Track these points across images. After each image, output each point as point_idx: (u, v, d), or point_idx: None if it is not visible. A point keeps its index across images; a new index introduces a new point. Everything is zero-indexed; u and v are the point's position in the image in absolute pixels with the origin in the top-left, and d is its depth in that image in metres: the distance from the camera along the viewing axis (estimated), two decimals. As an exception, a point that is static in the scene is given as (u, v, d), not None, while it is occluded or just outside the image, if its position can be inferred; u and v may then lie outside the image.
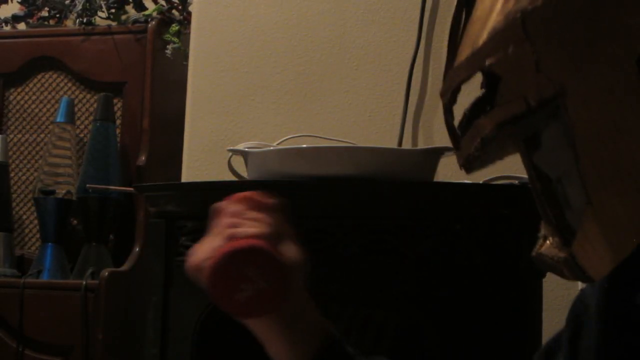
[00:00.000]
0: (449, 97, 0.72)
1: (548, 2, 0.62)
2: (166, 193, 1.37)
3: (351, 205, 1.26)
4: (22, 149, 2.40)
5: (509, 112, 0.64)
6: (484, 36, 0.66)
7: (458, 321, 1.23)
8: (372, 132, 1.76)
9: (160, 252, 1.34)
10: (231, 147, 1.39)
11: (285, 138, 1.50)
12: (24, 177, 2.39)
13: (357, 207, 1.26)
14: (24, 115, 2.40)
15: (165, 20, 2.34)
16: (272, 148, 1.37)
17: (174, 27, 2.31)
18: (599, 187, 0.63)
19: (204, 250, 0.86)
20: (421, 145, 1.72)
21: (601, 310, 0.76)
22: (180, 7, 2.40)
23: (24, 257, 2.35)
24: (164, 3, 2.40)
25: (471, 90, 0.72)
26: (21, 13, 2.51)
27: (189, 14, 2.27)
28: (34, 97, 2.40)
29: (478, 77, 0.69)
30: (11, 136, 2.40)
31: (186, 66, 1.90)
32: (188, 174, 1.85)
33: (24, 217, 2.40)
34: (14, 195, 2.38)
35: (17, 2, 2.52)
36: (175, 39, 2.29)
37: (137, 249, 2.16)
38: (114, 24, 2.38)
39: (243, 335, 1.49)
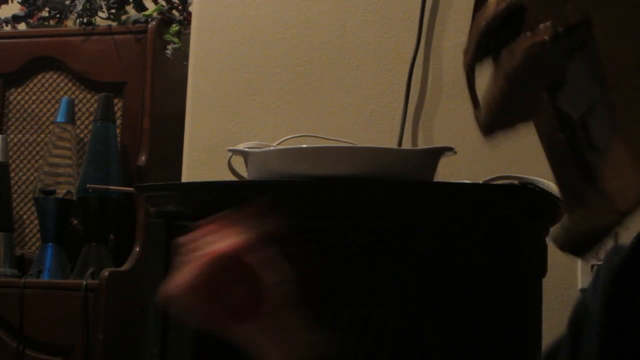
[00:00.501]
0: (473, 51, 0.71)
1: None
2: (166, 193, 1.37)
3: (351, 205, 1.26)
4: (22, 149, 2.40)
5: (536, 39, 0.64)
6: None
7: (458, 321, 1.23)
8: (372, 132, 1.76)
9: (160, 252, 1.34)
10: (231, 147, 1.39)
11: (285, 138, 1.50)
12: (24, 177, 2.39)
13: (357, 207, 1.26)
14: (24, 115, 2.40)
15: (165, 20, 2.34)
16: (272, 148, 1.37)
17: (174, 27, 2.31)
18: (629, 113, 0.62)
19: (176, 278, 0.84)
20: (421, 145, 1.72)
21: (603, 313, 0.75)
22: (180, 7, 2.40)
23: (24, 257, 2.35)
24: (164, 3, 2.40)
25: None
26: (21, 13, 2.51)
27: (189, 14, 2.27)
28: (34, 97, 2.40)
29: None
30: (11, 136, 2.40)
31: (186, 66, 1.90)
32: (188, 174, 1.85)
33: (24, 217, 2.40)
34: (14, 195, 2.38)
35: (17, 2, 2.52)
36: (176, 39, 2.29)
37: (137, 249, 2.16)
38: (114, 24, 2.38)
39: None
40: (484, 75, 0.72)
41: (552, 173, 0.70)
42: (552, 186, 1.27)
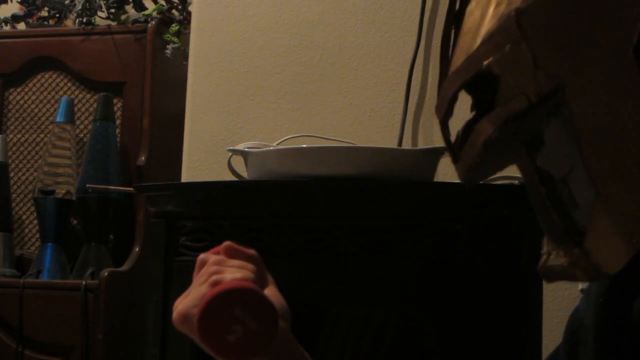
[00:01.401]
0: (446, 110, 0.71)
1: None
2: (166, 193, 1.37)
3: (351, 205, 1.26)
4: (22, 149, 2.40)
5: (511, 110, 0.64)
6: (478, 41, 0.66)
7: (458, 321, 1.23)
8: (372, 132, 1.76)
9: (160, 252, 1.34)
10: (231, 147, 1.39)
11: (285, 138, 1.50)
12: (23, 177, 2.39)
13: (357, 207, 1.26)
14: (23, 115, 2.40)
15: (165, 20, 2.34)
16: (272, 148, 1.37)
17: (174, 27, 2.31)
18: (607, 181, 0.62)
19: (191, 299, 0.85)
20: (421, 145, 1.72)
21: (597, 325, 0.76)
22: (180, 7, 2.39)
23: (24, 257, 2.35)
24: (163, 3, 2.40)
25: (464, 111, 0.71)
26: (21, 13, 2.51)
27: (189, 14, 2.27)
28: (33, 97, 2.40)
29: (468, 99, 0.69)
30: (11, 136, 2.40)
31: (186, 66, 1.90)
32: (188, 174, 1.85)
33: (24, 217, 2.39)
34: (14, 195, 2.37)
35: (17, 2, 2.52)
36: (175, 39, 2.29)
37: (137, 249, 2.16)
38: (113, 23, 2.38)
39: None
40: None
41: (536, 217, 0.71)
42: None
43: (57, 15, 2.45)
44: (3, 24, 2.53)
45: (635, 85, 0.62)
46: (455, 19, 0.76)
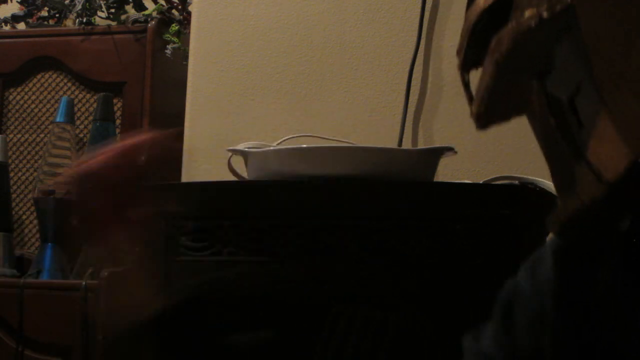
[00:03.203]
0: (465, 49, 0.72)
1: None
2: (166, 193, 1.37)
3: (351, 205, 1.26)
4: (21, 149, 2.39)
5: (523, 24, 0.66)
6: None
7: (458, 321, 1.23)
8: (372, 132, 1.76)
9: (160, 252, 1.34)
10: (231, 147, 1.39)
11: (285, 138, 1.50)
12: (23, 177, 2.39)
13: (357, 207, 1.26)
14: (23, 115, 2.40)
15: (165, 20, 2.34)
16: (272, 148, 1.37)
17: (174, 27, 2.31)
18: (614, 90, 0.64)
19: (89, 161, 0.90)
20: (421, 145, 1.72)
21: (552, 295, 0.77)
22: (180, 7, 2.39)
23: (24, 257, 2.34)
24: (163, 3, 2.39)
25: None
26: (21, 13, 2.50)
27: (189, 13, 2.27)
28: (33, 97, 2.40)
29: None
30: (11, 136, 2.40)
31: (186, 66, 1.90)
32: (188, 174, 1.85)
33: (24, 217, 2.39)
34: (14, 195, 2.37)
35: (17, 2, 2.52)
36: (175, 39, 2.29)
37: (137, 249, 2.15)
38: (113, 23, 2.38)
39: (243, 335, 1.50)
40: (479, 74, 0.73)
41: (546, 160, 0.72)
42: (552, 186, 1.27)
43: (57, 15, 2.45)
44: (3, 24, 2.52)
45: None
46: None
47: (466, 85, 0.75)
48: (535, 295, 0.79)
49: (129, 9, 2.42)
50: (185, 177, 1.85)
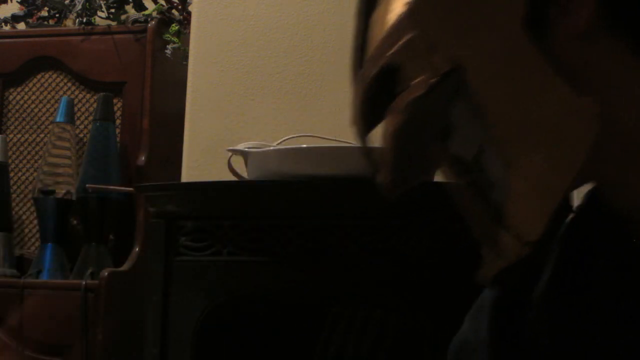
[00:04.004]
0: (360, 121, 0.74)
1: None
2: (166, 193, 1.37)
3: (351, 205, 1.26)
4: (21, 149, 2.40)
5: (412, 93, 0.67)
6: (380, 37, 0.70)
7: (458, 321, 1.23)
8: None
9: (160, 252, 1.34)
10: (231, 147, 1.39)
11: (285, 138, 1.50)
12: (23, 177, 2.39)
13: (357, 207, 1.26)
14: (23, 115, 2.40)
15: (165, 20, 2.34)
16: (272, 148, 1.37)
17: (174, 27, 2.31)
18: (515, 147, 0.64)
19: None
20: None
21: (492, 340, 0.79)
22: (180, 7, 2.39)
23: (24, 257, 2.34)
24: (163, 3, 2.40)
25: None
26: (21, 13, 2.51)
27: (189, 13, 2.27)
28: (33, 97, 2.40)
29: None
30: (11, 136, 2.40)
31: (186, 66, 1.90)
32: (188, 174, 1.85)
33: (24, 217, 2.39)
34: (14, 195, 2.37)
35: (17, 2, 2.52)
36: (175, 39, 2.29)
37: (137, 249, 2.15)
38: (113, 23, 2.38)
39: (243, 335, 1.50)
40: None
41: (466, 221, 0.72)
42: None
43: (57, 15, 2.45)
44: (3, 24, 2.52)
45: (529, 56, 0.64)
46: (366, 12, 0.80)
47: (367, 154, 0.76)
48: (478, 345, 0.81)
49: (129, 9, 2.42)
50: (185, 177, 1.85)
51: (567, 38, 0.65)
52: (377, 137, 0.75)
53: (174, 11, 2.39)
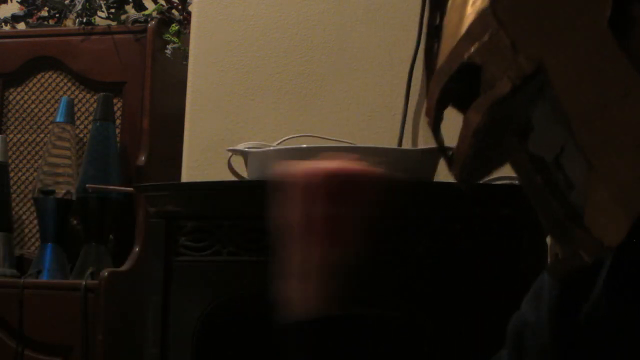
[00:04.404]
0: (435, 112, 0.72)
1: None
2: (166, 193, 1.37)
3: (351, 205, 1.26)
4: (21, 149, 2.40)
5: (496, 94, 0.65)
6: (460, 32, 0.67)
7: (458, 321, 1.23)
8: (372, 132, 1.75)
9: (160, 252, 1.34)
10: (231, 147, 1.39)
11: (285, 138, 1.50)
12: (23, 177, 2.39)
13: (357, 207, 1.26)
14: (23, 115, 2.40)
15: (165, 20, 2.34)
16: (272, 148, 1.37)
17: (174, 27, 2.31)
18: (599, 152, 0.63)
19: (319, 163, 0.88)
20: (421, 145, 1.72)
21: (552, 326, 0.78)
22: (180, 7, 2.39)
23: (24, 257, 2.34)
24: (163, 3, 2.40)
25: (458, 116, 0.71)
26: (21, 13, 2.51)
27: (189, 13, 2.27)
28: (33, 97, 2.40)
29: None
30: (11, 136, 2.40)
31: (186, 66, 1.90)
32: (188, 174, 1.85)
33: (24, 217, 2.39)
34: (14, 195, 2.37)
35: (17, 2, 2.52)
36: (175, 39, 2.29)
37: (137, 249, 2.15)
38: (113, 23, 2.38)
39: (243, 335, 1.50)
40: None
41: (537, 212, 0.72)
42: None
43: (57, 15, 2.45)
44: (3, 24, 2.52)
45: (614, 57, 0.63)
46: (436, 30, 0.78)
47: (440, 144, 0.75)
48: (539, 326, 0.81)
49: (129, 9, 2.42)
50: (185, 177, 1.85)
51: None
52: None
53: (174, 11, 2.39)
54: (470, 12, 0.67)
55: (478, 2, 0.66)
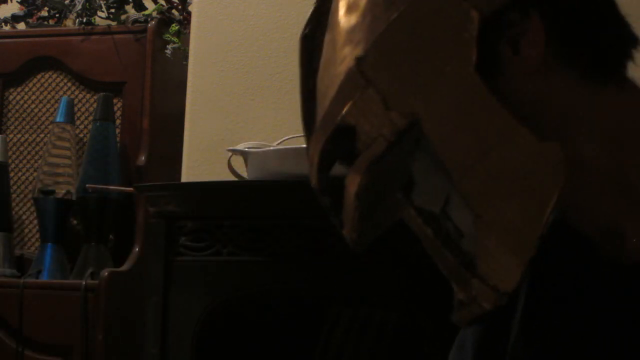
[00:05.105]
0: (317, 176, 0.70)
1: (375, 42, 0.63)
2: (166, 193, 1.37)
3: (351, 205, 1.26)
4: (21, 149, 2.39)
5: (372, 154, 0.64)
6: (331, 94, 0.66)
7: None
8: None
9: (160, 252, 1.34)
10: (231, 147, 1.40)
11: (285, 138, 1.50)
12: (23, 177, 2.39)
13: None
14: (23, 115, 2.40)
15: (165, 20, 2.34)
16: (272, 148, 1.37)
17: (174, 27, 2.31)
18: (483, 200, 0.63)
19: None
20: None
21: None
22: (180, 7, 2.39)
23: (24, 257, 2.34)
24: (163, 3, 2.39)
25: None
26: (21, 13, 2.50)
27: (189, 13, 2.27)
28: (33, 97, 2.40)
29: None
30: (11, 136, 2.40)
31: (186, 66, 1.90)
32: (188, 174, 1.85)
33: (24, 217, 2.39)
34: (14, 195, 2.37)
35: (17, 2, 2.52)
36: (175, 39, 2.29)
37: (137, 249, 2.15)
38: (113, 23, 2.38)
39: (243, 335, 1.50)
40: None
41: (435, 263, 0.71)
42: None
43: (57, 15, 2.45)
44: (3, 24, 2.52)
45: (485, 102, 0.62)
46: (309, 94, 0.76)
47: (329, 209, 0.73)
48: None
49: (129, 9, 2.42)
50: (185, 177, 1.85)
51: (520, 75, 0.64)
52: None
53: (174, 11, 2.39)
54: (340, 71, 0.66)
55: (346, 61, 0.65)
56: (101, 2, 2.38)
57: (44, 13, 2.49)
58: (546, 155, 0.62)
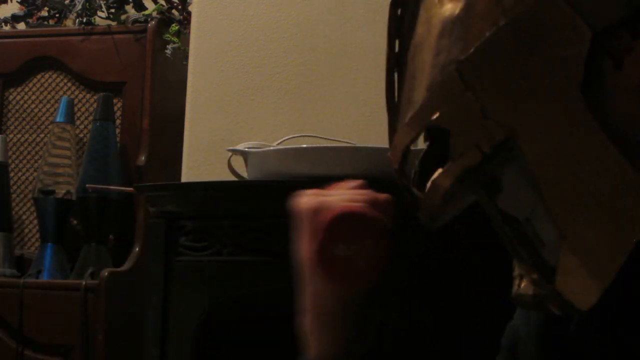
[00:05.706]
0: (400, 160, 0.72)
1: (479, 48, 0.62)
2: (166, 193, 1.37)
3: (351, 205, 1.26)
4: (21, 149, 2.40)
5: (465, 164, 0.64)
6: (424, 93, 0.66)
7: (458, 321, 1.23)
8: (372, 132, 1.75)
9: (160, 252, 1.34)
10: (231, 147, 1.39)
11: (285, 138, 1.50)
12: (23, 177, 2.39)
13: (357, 207, 1.26)
14: (23, 115, 2.40)
15: (165, 20, 2.34)
16: (272, 148, 1.37)
17: (174, 27, 2.31)
18: (569, 220, 0.63)
19: (328, 200, 0.84)
20: (421, 145, 1.72)
21: (539, 343, 0.79)
22: (180, 7, 2.39)
23: (24, 257, 2.34)
24: (163, 3, 2.40)
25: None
26: (21, 13, 2.51)
27: (189, 13, 2.27)
28: (33, 97, 2.40)
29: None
30: (11, 136, 2.40)
31: (186, 66, 1.90)
32: (188, 174, 1.85)
33: (24, 217, 2.39)
34: (14, 195, 2.37)
35: (17, 2, 2.52)
36: (175, 39, 2.29)
37: (137, 249, 2.15)
38: (113, 23, 2.38)
39: (243, 335, 1.50)
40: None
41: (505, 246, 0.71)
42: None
43: (57, 15, 2.45)
44: (3, 24, 2.52)
45: (584, 123, 0.62)
46: (396, 61, 0.76)
47: (405, 187, 0.74)
48: (530, 339, 0.81)
49: (129, 9, 2.42)
50: (185, 177, 1.85)
51: (619, 91, 0.63)
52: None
53: (174, 11, 2.39)
54: (434, 62, 0.65)
55: (443, 55, 0.64)
56: (101, 2, 2.38)
57: (44, 13, 2.49)
58: (638, 184, 0.61)
